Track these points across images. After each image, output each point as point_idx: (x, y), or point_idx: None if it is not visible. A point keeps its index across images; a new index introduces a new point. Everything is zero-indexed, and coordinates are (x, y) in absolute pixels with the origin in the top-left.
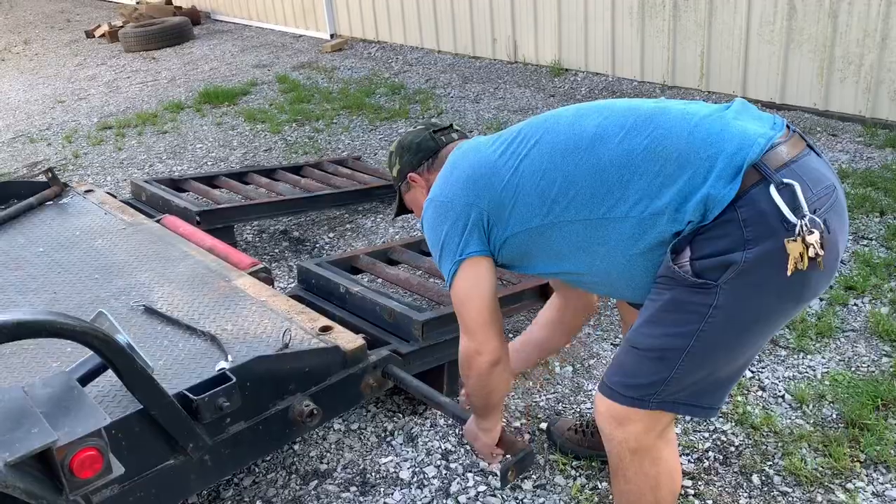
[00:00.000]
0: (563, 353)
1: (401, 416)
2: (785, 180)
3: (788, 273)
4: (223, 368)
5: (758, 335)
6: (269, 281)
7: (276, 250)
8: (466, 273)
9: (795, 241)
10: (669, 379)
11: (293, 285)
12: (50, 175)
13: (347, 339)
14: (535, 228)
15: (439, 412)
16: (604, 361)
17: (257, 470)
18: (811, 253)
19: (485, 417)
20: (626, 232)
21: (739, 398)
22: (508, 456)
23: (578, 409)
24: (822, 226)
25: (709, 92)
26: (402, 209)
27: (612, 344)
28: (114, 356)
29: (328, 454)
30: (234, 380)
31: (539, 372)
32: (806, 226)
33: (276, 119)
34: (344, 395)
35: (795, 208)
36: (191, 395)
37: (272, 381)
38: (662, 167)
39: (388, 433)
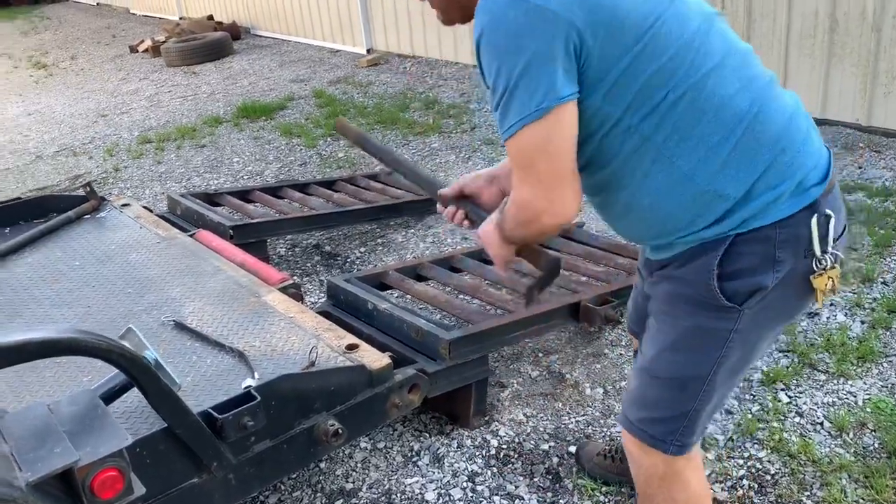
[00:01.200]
0: (593, 374)
1: (427, 435)
2: (827, 211)
3: (819, 305)
4: (249, 386)
5: (755, 358)
6: (299, 297)
7: (308, 264)
8: (553, 119)
9: (822, 275)
10: (691, 412)
11: (323, 300)
12: (88, 189)
13: (373, 358)
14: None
15: (465, 430)
16: None
17: (283, 488)
18: (830, 286)
19: (515, 241)
20: (678, 183)
21: (776, 424)
22: (526, 278)
23: (608, 433)
24: (841, 260)
25: None
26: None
27: None
28: (139, 374)
29: (354, 473)
30: (259, 398)
31: (569, 393)
32: (830, 259)
33: (311, 133)
34: (369, 414)
35: (824, 240)
36: (215, 414)
37: (297, 399)
38: (755, 146)
39: (414, 453)
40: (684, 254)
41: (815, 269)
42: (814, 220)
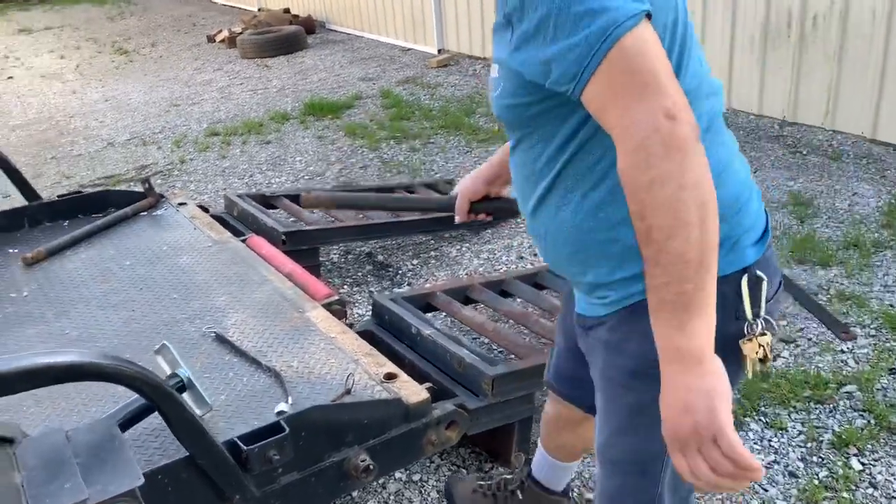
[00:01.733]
0: None
1: (465, 471)
2: (758, 273)
3: (750, 376)
4: (282, 411)
5: None
6: (342, 314)
7: (360, 273)
8: (640, 32)
9: (751, 340)
10: (658, 496)
11: (367, 318)
12: (147, 186)
13: (412, 391)
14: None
15: (505, 468)
16: None
17: None
18: (761, 355)
19: (702, 310)
20: None
21: (845, 494)
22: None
23: None
24: (774, 327)
25: (833, 131)
26: None
27: None
28: (163, 403)
29: None
30: (287, 431)
31: None
32: (762, 325)
33: (375, 135)
34: (403, 450)
35: (755, 303)
36: (241, 445)
37: (328, 431)
38: None
39: None
40: (615, 315)
41: (746, 333)
42: (744, 282)
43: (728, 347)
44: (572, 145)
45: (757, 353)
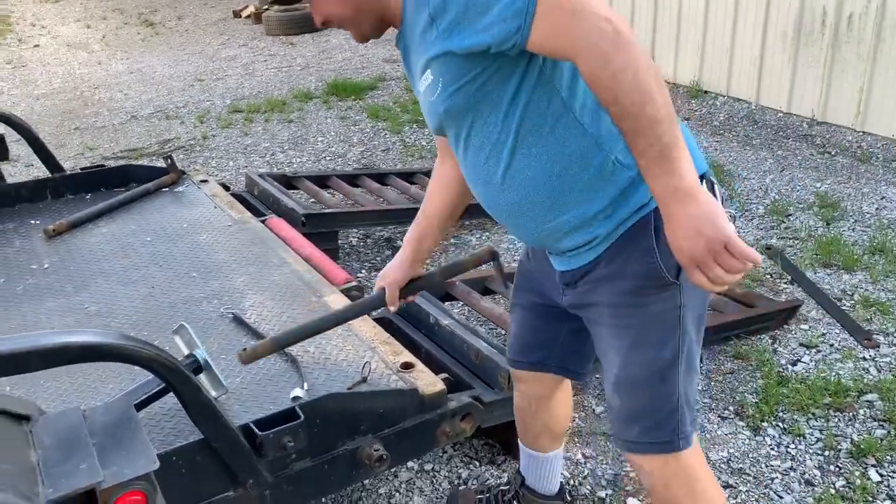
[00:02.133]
0: None
1: (477, 463)
2: (710, 178)
3: None
4: (298, 397)
5: (703, 330)
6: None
7: (378, 258)
8: None
9: None
10: (680, 400)
11: None
12: (169, 162)
13: (428, 382)
14: None
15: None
16: (717, 441)
17: (323, 500)
18: None
19: (681, 154)
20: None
21: None
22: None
23: None
24: (734, 216)
25: (864, 132)
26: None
27: (719, 416)
28: (180, 386)
29: (397, 494)
30: (302, 418)
31: None
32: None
33: (398, 118)
34: (417, 440)
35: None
36: (256, 430)
37: (343, 419)
38: None
39: (461, 481)
40: (609, 250)
41: None
42: (704, 185)
43: None
44: (521, 100)
45: None
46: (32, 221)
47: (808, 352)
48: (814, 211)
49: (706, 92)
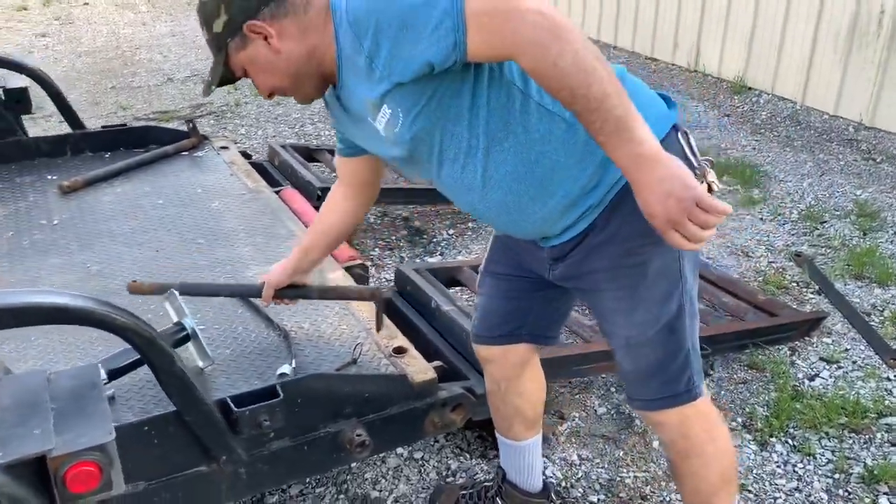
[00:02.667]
0: None
1: (468, 456)
2: (684, 129)
3: None
4: (284, 374)
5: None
6: (365, 279)
7: (393, 237)
8: None
9: (703, 181)
10: (689, 349)
11: (391, 285)
12: (191, 126)
13: (419, 369)
14: None
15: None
16: None
17: (308, 481)
18: (715, 188)
19: (635, 122)
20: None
21: None
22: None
23: (667, 498)
24: (713, 163)
25: None
26: (227, 78)
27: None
28: (152, 355)
29: (383, 480)
30: (281, 397)
31: (634, 442)
32: (707, 165)
33: None
34: (404, 428)
35: (692, 152)
36: (231, 406)
37: (327, 401)
38: None
39: (450, 472)
40: (602, 215)
41: (698, 177)
42: (680, 137)
43: None
44: (480, 103)
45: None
46: (49, 177)
47: (828, 367)
48: (851, 219)
49: (750, 88)
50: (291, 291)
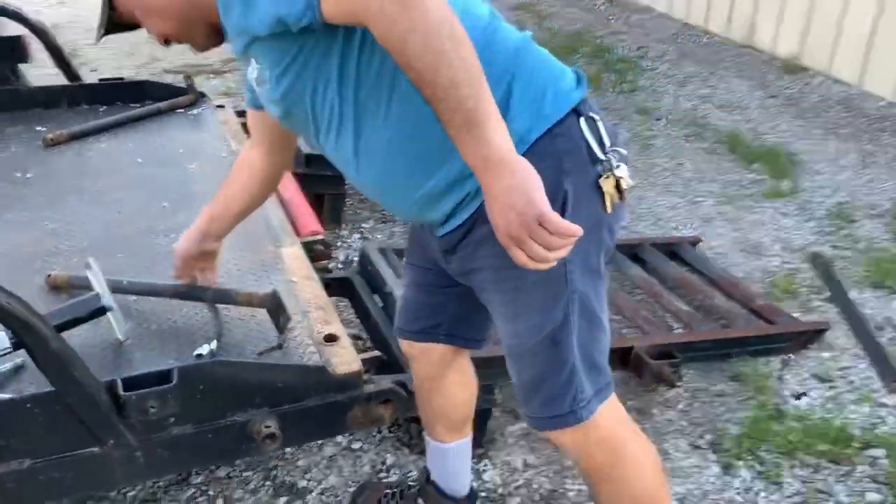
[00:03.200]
0: None
1: (407, 451)
2: (591, 114)
3: (609, 211)
4: (201, 354)
5: (605, 278)
6: (326, 255)
7: (378, 213)
8: None
9: (609, 177)
10: (576, 364)
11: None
12: (189, 82)
13: (344, 360)
14: None
15: None
16: (678, 472)
17: (238, 463)
18: (624, 185)
19: (488, 119)
20: None
21: None
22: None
23: None
24: (626, 158)
25: None
26: (119, 24)
27: (690, 443)
28: (28, 338)
29: (314, 469)
30: (174, 382)
31: None
32: (615, 158)
33: None
34: (322, 422)
35: (600, 142)
36: (119, 390)
37: (233, 389)
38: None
39: (384, 467)
40: (483, 205)
41: (602, 171)
42: (582, 123)
43: (593, 192)
44: (350, 68)
45: (613, 186)
46: (38, 128)
47: (819, 385)
48: (885, 220)
49: (804, 69)
50: (190, 291)
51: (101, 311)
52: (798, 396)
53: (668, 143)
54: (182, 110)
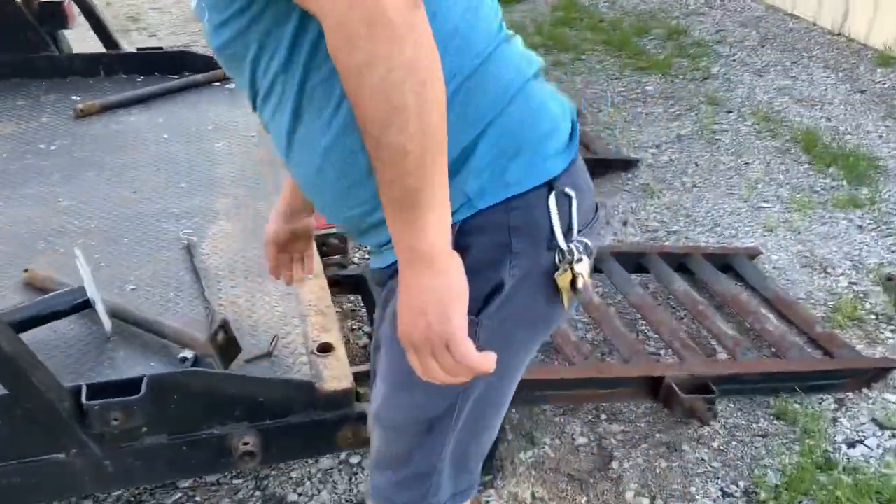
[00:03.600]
0: (650, 473)
1: None
2: (566, 189)
3: (566, 307)
4: (185, 358)
5: (516, 377)
6: (341, 249)
7: None
8: None
9: (565, 272)
10: (443, 460)
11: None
12: None
13: (336, 374)
14: None
15: None
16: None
17: (226, 475)
18: (580, 284)
19: (430, 204)
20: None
21: None
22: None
23: None
24: (592, 250)
25: None
26: None
27: (721, 489)
28: None
29: (307, 482)
30: (141, 393)
31: (604, 489)
32: (576, 250)
33: (527, 40)
34: (308, 440)
35: (567, 227)
36: (82, 398)
37: (211, 401)
38: (477, 95)
39: None
40: None
41: (558, 264)
42: (551, 201)
43: (543, 282)
44: (303, 48)
45: (569, 282)
46: (73, 97)
47: (878, 433)
48: None
49: None
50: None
51: (85, 304)
52: (853, 444)
53: (737, 139)
54: (219, 83)
